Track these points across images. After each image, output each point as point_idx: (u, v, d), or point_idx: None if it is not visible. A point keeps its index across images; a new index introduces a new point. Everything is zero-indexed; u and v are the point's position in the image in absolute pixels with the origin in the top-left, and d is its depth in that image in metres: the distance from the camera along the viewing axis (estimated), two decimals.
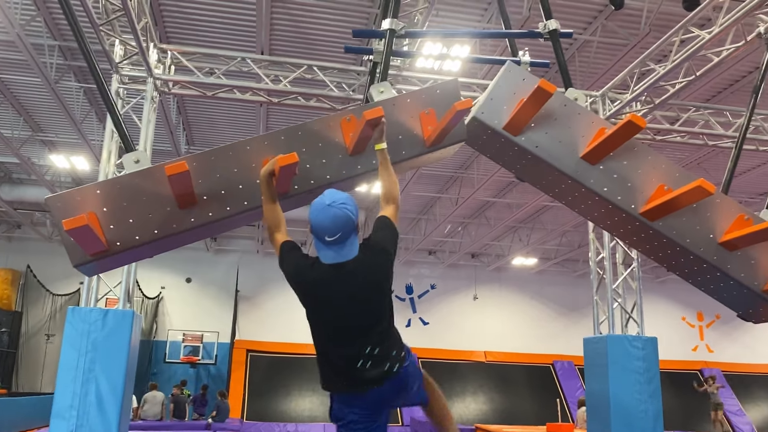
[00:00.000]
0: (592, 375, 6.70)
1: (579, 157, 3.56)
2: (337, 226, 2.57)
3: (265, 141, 3.42)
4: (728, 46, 5.52)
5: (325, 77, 5.92)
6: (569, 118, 3.60)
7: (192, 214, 3.26)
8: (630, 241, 3.97)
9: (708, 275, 3.70)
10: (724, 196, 3.72)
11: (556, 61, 4.32)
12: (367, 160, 3.51)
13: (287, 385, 17.09)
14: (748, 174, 11.86)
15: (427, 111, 3.58)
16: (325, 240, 2.59)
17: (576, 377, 18.19)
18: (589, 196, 3.67)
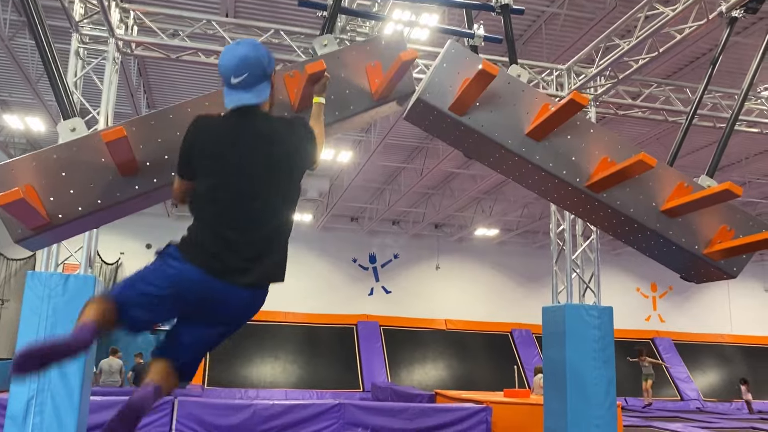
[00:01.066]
0: (549, 342, 6.91)
1: (524, 135, 3.61)
2: (244, 65, 2.32)
3: (206, 102, 3.32)
4: (690, 24, 5.63)
5: (292, 42, 5.83)
6: (514, 96, 3.62)
7: (136, 181, 3.16)
8: (578, 212, 4.08)
9: (652, 241, 3.84)
10: (665, 165, 3.85)
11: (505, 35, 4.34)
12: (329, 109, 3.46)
13: (249, 352, 17.14)
14: (706, 149, 12.17)
15: (373, 64, 3.53)
16: (231, 82, 2.33)
17: (533, 345, 18.69)
18: (535, 172, 3.73)
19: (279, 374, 17.05)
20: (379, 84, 3.48)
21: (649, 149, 4.10)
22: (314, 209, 17.68)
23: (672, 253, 3.84)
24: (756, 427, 13.91)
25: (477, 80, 3.38)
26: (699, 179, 3.92)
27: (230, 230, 2.25)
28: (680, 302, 20.47)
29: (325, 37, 3.70)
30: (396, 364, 17.79)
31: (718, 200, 3.59)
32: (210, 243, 2.23)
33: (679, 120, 7.43)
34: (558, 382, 6.54)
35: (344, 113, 3.50)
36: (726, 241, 3.67)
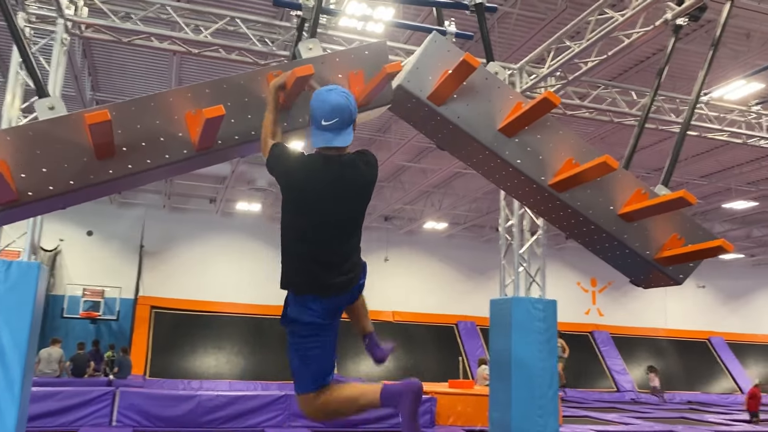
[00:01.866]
0: (496, 334, 7.07)
1: (496, 130, 3.69)
2: (335, 110, 2.62)
3: (188, 93, 3.33)
4: (638, 29, 5.83)
5: (248, 30, 5.77)
6: (490, 92, 3.71)
7: (110, 165, 3.15)
8: (539, 210, 4.18)
9: (606, 244, 3.96)
10: (625, 171, 3.98)
11: (480, 33, 4.44)
12: (293, 117, 3.49)
13: (192, 343, 16.90)
14: (648, 150, 12.65)
15: (356, 71, 3.58)
16: (321, 124, 2.63)
17: (477, 337, 19.05)
18: (504, 167, 3.82)
19: (223, 365, 16.87)
20: (359, 92, 3.52)
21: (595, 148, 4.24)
22: (262, 199, 17.50)
23: (624, 257, 3.97)
24: (686, 417, 14.58)
25: (458, 71, 3.46)
26: (656, 188, 4.06)
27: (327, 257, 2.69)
28: (618, 297, 21.19)
29: (310, 41, 3.72)
30: (343, 356, 17.82)
31: (672, 207, 3.72)
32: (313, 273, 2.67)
33: (624, 121, 7.69)
34: (503, 372, 6.71)
35: None
36: (676, 249, 3.82)
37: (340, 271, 2.70)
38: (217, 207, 17.86)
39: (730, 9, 5.20)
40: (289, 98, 3.32)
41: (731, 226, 18.87)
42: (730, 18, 5.24)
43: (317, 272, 2.66)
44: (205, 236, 18.34)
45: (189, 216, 18.31)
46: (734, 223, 18.78)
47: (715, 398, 18.79)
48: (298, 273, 2.69)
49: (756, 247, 20.75)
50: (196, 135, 3.24)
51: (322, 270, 2.66)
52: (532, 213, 7.20)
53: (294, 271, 2.70)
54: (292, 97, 3.34)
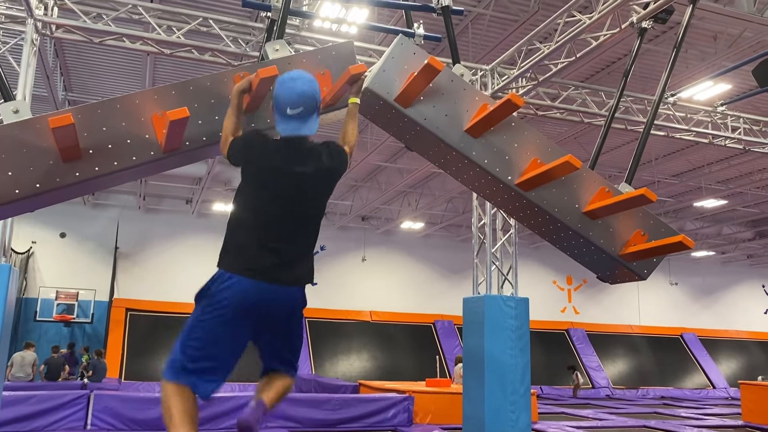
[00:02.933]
0: (469, 332, 7.16)
1: (463, 131, 3.76)
2: (300, 99, 2.62)
3: (154, 95, 3.35)
4: (605, 32, 5.95)
5: (221, 31, 5.77)
6: (456, 93, 3.77)
7: (77, 167, 3.17)
8: (506, 209, 4.26)
9: (573, 241, 4.05)
10: (589, 170, 4.08)
11: (447, 35, 4.51)
12: (261, 119, 3.52)
13: (168, 345, 16.63)
14: (618, 150, 12.86)
15: (323, 72, 3.62)
16: (287, 113, 2.64)
17: (455, 336, 19.18)
18: (471, 167, 3.89)
19: None
20: (326, 92, 3.56)
21: (566, 148, 4.33)
22: None
23: (590, 253, 4.07)
24: (659, 412, 14.83)
25: (423, 73, 3.52)
26: (619, 186, 4.17)
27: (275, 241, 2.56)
28: (593, 294, 21.48)
29: (277, 42, 3.76)
30: (320, 356, 17.84)
31: (635, 204, 3.82)
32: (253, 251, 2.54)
33: (594, 122, 7.83)
34: (477, 370, 6.79)
35: None
36: (640, 245, 3.93)
37: (287, 262, 2.56)
38: (193, 208, 17.75)
39: (692, 11, 5.33)
40: (255, 100, 3.35)
41: (702, 224, 19.24)
42: (696, 20, 5.38)
43: (260, 255, 2.52)
44: (181, 237, 18.21)
45: (164, 217, 18.17)
46: (705, 221, 19.15)
47: (688, 393, 19.12)
48: (239, 252, 2.55)
49: (726, 245, 21.18)
50: (163, 137, 3.26)
51: (266, 254, 2.52)
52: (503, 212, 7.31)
53: (236, 249, 2.57)
54: (258, 100, 3.37)
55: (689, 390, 19.47)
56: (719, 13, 7.98)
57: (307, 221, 2.67)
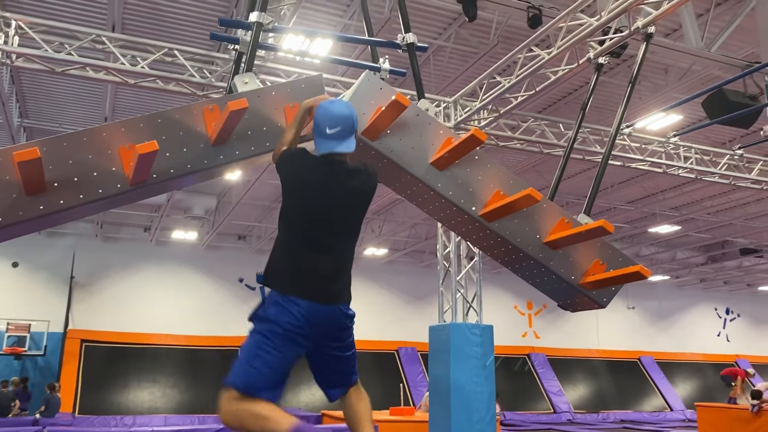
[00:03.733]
0: (435, 360, 7.18)
1: (429, 163, 3.84)
2: (339, 119, 2.79)
3: (122, 128, 3.34)
4: (563, 66, 6.16)
5: (185, 61, 5.76)
6: (421, 127, 3.86)
7: (40, 201, 3.11)
8: (471, 239, 4.35)
9: (534, 270, 4.15)
10: (549, 201, 4.21)
11: (412, 71, 4.63)
12: (229, 151, 3.54)
13: (125, 377, 16.32)
14: (575, 177, 13.18)
15: (292, 105, 3.67)
16: (326, 132, 2.79)
17: (418, 363, 19.14)
18: (436, 199, 3.98)
19: (158, 399, 16.34)
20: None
21: (526, 176, 4.45)
22: (199, 227, 17.21)
23: (551, 282, 4.17)
24: None
25: (390, 109, 3.60)
26: (578, 217, 4.30)
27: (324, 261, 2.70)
28: (553, 319, 21.74)
29: (246, 75, 3.82)
30: None
31: (594, 235, 3.96)
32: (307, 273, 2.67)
33: (553, 152, 8.04)
34: (443, 398, 6.81)
35: (260, 149, 3.61)
36: (599, 274, 4.05)
37: (334, 278, 2.72)
38: (152, 236, 17.44)
39: (645, 48, 5.56)
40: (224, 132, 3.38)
41: (657, 249, 19.76)
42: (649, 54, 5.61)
43: (313, 276, 2.66)
44: (139, 266, 17.85)
45: (122, 245, 17.80)
46: (659, 246, 19.68)
47: (647, 416, 19.42)
48: (293, 274, 2.67)
49: (680, 269, 21.77)
50: (130, 169, 3.25)
51: (318, 275, 2.67)
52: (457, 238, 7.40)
53: (289, 271, 2.69)
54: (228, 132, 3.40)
55: (648, 413, 19.79)
56: (670, 48, 8.34)
57: (347, 237, 2.82)
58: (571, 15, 5.76)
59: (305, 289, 2.64)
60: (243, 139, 3.56)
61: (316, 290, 2.65)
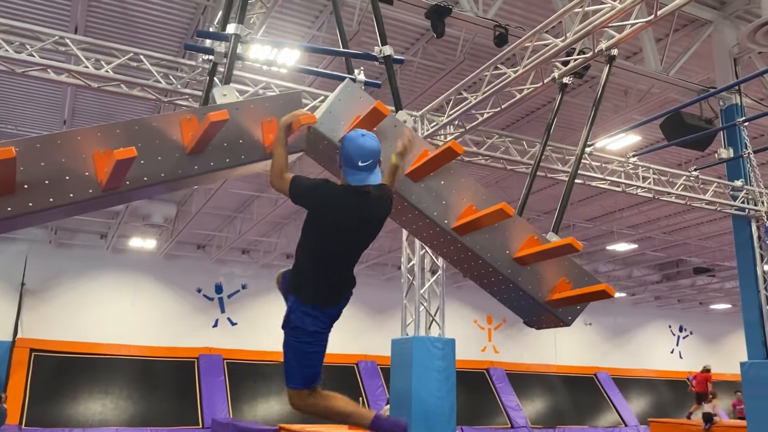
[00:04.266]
0: (397, 373, 7.16)
1: (404, 175, 3.84)
2: (371, 153, 3.05)
3: (98, 132, 3.30)
4: (529, 85, 6.27)
5: (151, 67, 5.68)
6: (399, 139, 3.87)
7: (9, 203, 3.06)
8: (441, 251, 4.36)
9: (503, 286, 4.17)
10: (519, 218, 4.25)
11: (389, 83, 4.66)
12: (204, 162, 3.52)
13: (76, 388, 15.84)
14: (538, 194, 13.39)
15: (270, 119, 3.68)
16: (359, 165, 3.03)
17: (378, 376, 19.06)
18: (410, 210, 3.99)
19: (110, 411, 15.89)
20: (273, 139, 3.58)
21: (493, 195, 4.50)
22: (158, 235, 16.90)
23: (518, 299, 4.20)
24: None
25: (369, 117, 3.62)
26: (547, 235, 4.35)
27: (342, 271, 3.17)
28: (512, 334, 21.94)
29: (224, 88, 3.83)
30: (239, 399, 17.29)
31: (562, 253, 4.00)
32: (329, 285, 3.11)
33: (516, 169, 8.16)
34: (404, 412, 6.79)
35: (234, 162, 3.61)
36: (565, 292, 4.09)
37: (345, 285, 3.17)
38: (108, 243, 17.04)
39: (609, 71, 5.70)
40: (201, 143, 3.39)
41: (614, 267, 20.18)
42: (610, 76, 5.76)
43: (329, 287, 3.08)
44: (94, 274, 17.40)
45: (77, 252, 17.34)
46: (617, 263, 20.10)
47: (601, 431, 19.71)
48: (312, 284, 3.06)
49: (636, 287, 22.26)
50: (104, 175, 3.21)
51: (333, 285, 3.10)
52: (434, 254, 7.43)
53: (308, 282, 3.07)
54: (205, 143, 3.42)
55: (602, 428, 20.08)
56: (630, 70, 8.59)
57: (360, 253, 3.21)
58: (537, 35, 5.87)
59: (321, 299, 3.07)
60: (219, 150, 3.55)
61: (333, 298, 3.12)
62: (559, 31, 6.03)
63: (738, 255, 9.08)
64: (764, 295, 8.58)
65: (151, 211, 14.59)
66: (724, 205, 9.04)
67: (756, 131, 10.73)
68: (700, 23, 8.82)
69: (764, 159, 11.90)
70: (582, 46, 5.80)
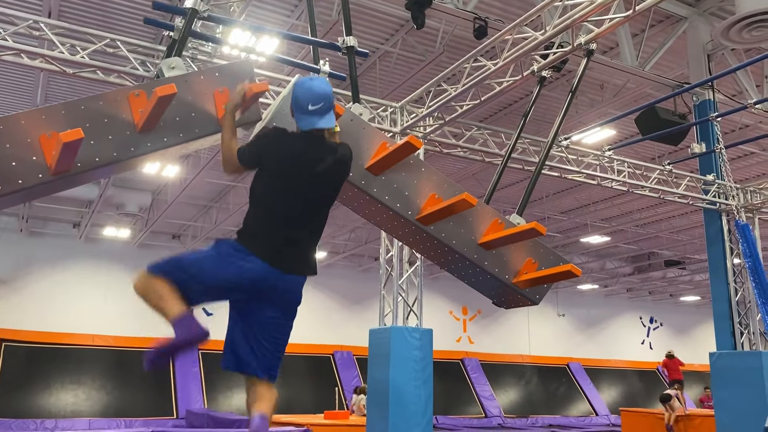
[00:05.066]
0: (375, 364, 7.19)
1: (364, 168, 3.84)
2: (321, 96, 2.86)
3: (42, 115, 3.22)
4: (508, 78, 6.31)
5: (128, 53, 5.60)
6: (356, 133, 3.83)
7: None
8: (408, 242, 4.40)
9: (470, 270, 4.24)
10: (484, 204, 4.30)
11: (349, 74, 4.65)
12: (157, 138, 3.46)
13: (47, 378, 15.63)
14: (514, 186, 13.51)
15: (221, 90, 3.62)
16: (308, 109, 2.85)
17: (354, 367, 19.12)
18: (372, 203, 3.99)
19: (82, 402, 15.72)
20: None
21: (465, 184, 4.54)
22: (132, 225, 16.69)
23: (486, 282, 4.27)
24: None
25: None
26: (510, 217, 4.42)
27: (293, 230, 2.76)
28: (487, 324, 22.15)
29: (173, 60, 3.73)
30: (214, 389, 17.22)
31: (526, 237, 4.08)
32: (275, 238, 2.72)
33: (494, 161, 8.22)
34: (381, 401, 6.82)
35: (188, 136, 3.54)
36: (531, 272, 4.17)
37: (300, 252, 2.80)
38: (81, 232, 16.79)
39: (586, 63, 5.77)
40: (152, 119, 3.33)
41: (587, 259, 20.46)
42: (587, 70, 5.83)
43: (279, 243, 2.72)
44: (66, 263, 17.14)
45: (49, 241, 17.06)
46: (590, 256, 20.38)
47: (574, 421, 20.02)
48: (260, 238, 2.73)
49: (608, 279, 22.61)
50: (53, 159, 3.13)
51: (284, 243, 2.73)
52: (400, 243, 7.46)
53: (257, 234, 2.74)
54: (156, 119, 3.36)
55: (574, 417, 20.40)
56: (606, 65, 8.69)
57: (319, 209, 2.89)
58: (517, 28, 5.91)
59: (271, 255, 2.69)
60: (171, 125, 3.49)
61: (278, 257, 2.70)
62: (538, 24, 6.08)
63: (709, 248, 9.27)
64: (733, 287, 8.78)
65: (126, 200, 14.40)
66: (696, 199, 9.22)
67: (728, 127, 10.94)
68: (675, 19, 8.95)
69: (736, 154, 12.16)
70: (561, 40, 5.85)
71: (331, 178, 2.90)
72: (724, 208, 9.12)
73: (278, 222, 2.75)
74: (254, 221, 2.79)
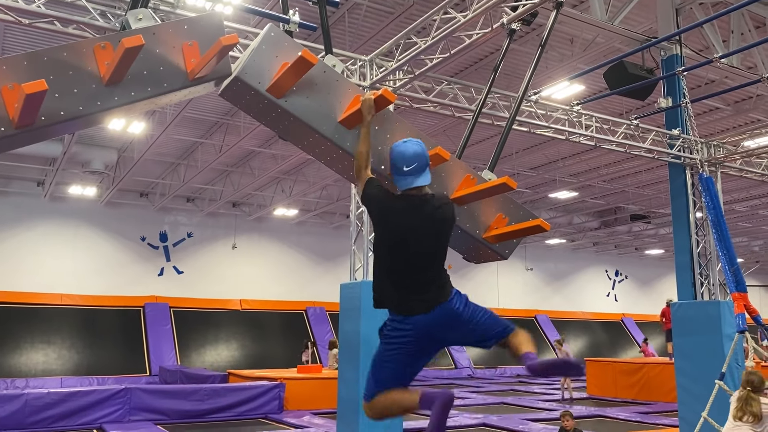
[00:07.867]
0: (346, 317, 7.28)
1: (337, 122, 3.72)
2: (414, 157, 3.06)
3: (3, 66, 3.12)
4: (478, 31, 6.25)
5: (87, 3, 5.39)
6: (329, 85, 3.72)
7: None
8: None
9: None
10: (456, 159, 4.26)
11: (321, 25, 4.54)
12: (124, 92, 3.38)
13: (16, 338, 15.52)
14: (485, 143, 13.55)
15: (190, 43, 3.54)
16: (403, 170, 3.06)
17: (326, 322, 19.35)
18: (345, 158, 3.87)
19: (53, 361, 15.68)
20: (195, 64, 3.46)
21: (436, 140, 4.53)
22: (98, 182, 16.40)
23: (457, 237, 4.28)
24: (515, 389, 15.89)
25: (296, 66, 3.43)
26: (482, 173, 4.42)
27: (415, 286, 3.01)
28: (456, 279, 21.87)
29: (140, 11, 3.61)
30: (187, 347, 17.30)
31: (497, 192, 4.06)
32: (405, 296, 3.00)
33: (464, 116, 8.20)
34: (352, 353, 6.93)
35: (157, 90, 3.46)
36: (501, 228, 4.19)
37: (425, 290, 3.01)
38: (46, 191, 16.45)
39: (556, 15, 5.74)
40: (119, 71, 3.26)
41: (556, 214, 20.77)
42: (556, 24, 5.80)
43: (405, 294, 2.99)
44: (30, 222, 16.84)
45: (12, 200, 16.71)
46: (558, 211, 20.69)
47: None
48: (391, 300, 3.03)
49: (576, 233, 23.02)
50: (15, 111, 3.04)
51: (403, 294, 3.00)
52: None
53: (388, 298, 3.04)
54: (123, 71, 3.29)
55: None
56: (576, 18, 8.64)
57: (432, 257, 3.07)
58: None
59: (403, 309, 2.99)
60: (139, 79, 3.40)
61: (414, 306, 2.98)
62: None
63: (673, 202, 9.47)
64: (695, 240, 9.02)
65: (91, 158, 14.11)
66: (661, 153, 9.35)
67: (694, 82, 11.06)
68: None
69: (701, 109, 12.33)
70: None
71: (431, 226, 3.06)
72: (689, 162, 9.28)
73: (395, 283, 3.01)
74: (382, 285, 3.07)
